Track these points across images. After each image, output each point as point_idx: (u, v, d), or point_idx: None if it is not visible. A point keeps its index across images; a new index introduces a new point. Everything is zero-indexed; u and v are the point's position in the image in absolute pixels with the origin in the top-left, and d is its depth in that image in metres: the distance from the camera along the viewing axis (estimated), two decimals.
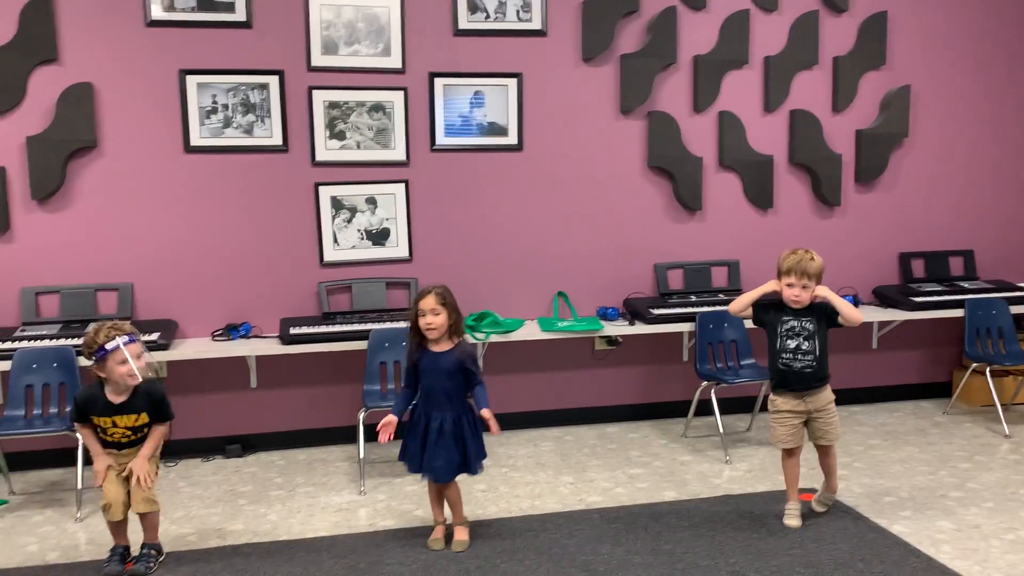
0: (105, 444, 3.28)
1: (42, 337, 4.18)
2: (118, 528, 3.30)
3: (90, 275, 4.44)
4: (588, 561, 3.24)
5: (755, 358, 4.78)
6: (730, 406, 4.97)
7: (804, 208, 5.25)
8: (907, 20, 5.23)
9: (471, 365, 3.38)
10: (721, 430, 4.49)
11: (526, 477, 4.24)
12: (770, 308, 3.60)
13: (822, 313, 3.53)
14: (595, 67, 4.90)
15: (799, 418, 3.55)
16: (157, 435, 3.32)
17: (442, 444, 3.33)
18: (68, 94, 4.31)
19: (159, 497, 3.35)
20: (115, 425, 3.24)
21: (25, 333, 4.23)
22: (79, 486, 3.88)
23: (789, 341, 3.54)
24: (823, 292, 3.50)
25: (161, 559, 3.33)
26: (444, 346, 3.37)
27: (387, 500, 3.96)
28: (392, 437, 3.31)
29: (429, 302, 3.31)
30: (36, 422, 4.02)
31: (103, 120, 4.39)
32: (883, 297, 5.20)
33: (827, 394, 3.58)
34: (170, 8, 4.42)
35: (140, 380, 3.21)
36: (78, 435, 3.46)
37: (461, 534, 3.43)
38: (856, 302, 5.14)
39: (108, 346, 3.16)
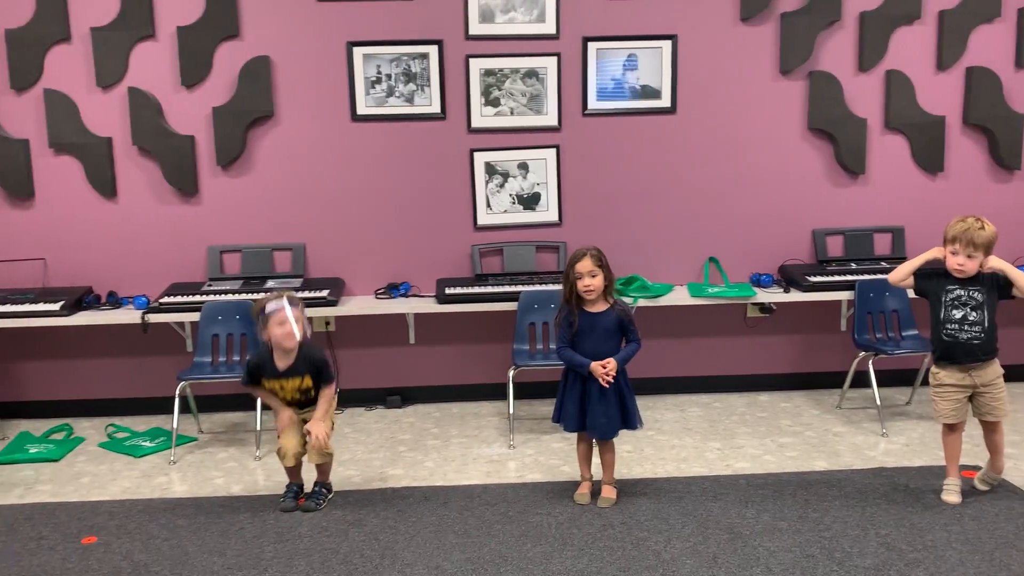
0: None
1: (226, 292, 4.59)
2: (292, 470, 3.61)
3: (267, 235, 4.81)
4: (733, 524, 3.26)
5: (918, 329, 4.57)
6: (889, 378, 4.77)
7: (979, 172, 4.93)
8: None
9: (629, 324, 3.45)
10: (878, 402, 4.34)
11: (672, 441, 4.27)
12: (933, 276, 3.45)
13: (993, 283, 3.34)
14: (753, 26, 4.77)
15: (963, 392, 3.40)
16: (326, 398, 3.57)
17: (604, 402, 3.42)
18: (248, 67, 4.65)
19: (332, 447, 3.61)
20: (283, 388, 3.53)
21: (211, 288, 4.65)
22: (258, 428, 4.27)
23: (955, 311, 3.37)
24: (997, 264, 3.32)
25: (330, 496, 3.62)
26: (600, 306, 3.43)
27: (535, 455, 4.11)
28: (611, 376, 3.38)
29: (587, 264, 3.36)
30: (221, 368, 4.43)
31: (279, 91, 4.72)
32: None
33: (995, 368, 3.40)
34: None
35: (296, 340, 3.43)
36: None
37: (609, 492, 3.53)
38: None
39: (267, 308, 3.41)
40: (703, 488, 3.62)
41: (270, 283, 4.66)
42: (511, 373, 4.40)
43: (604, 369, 3.36)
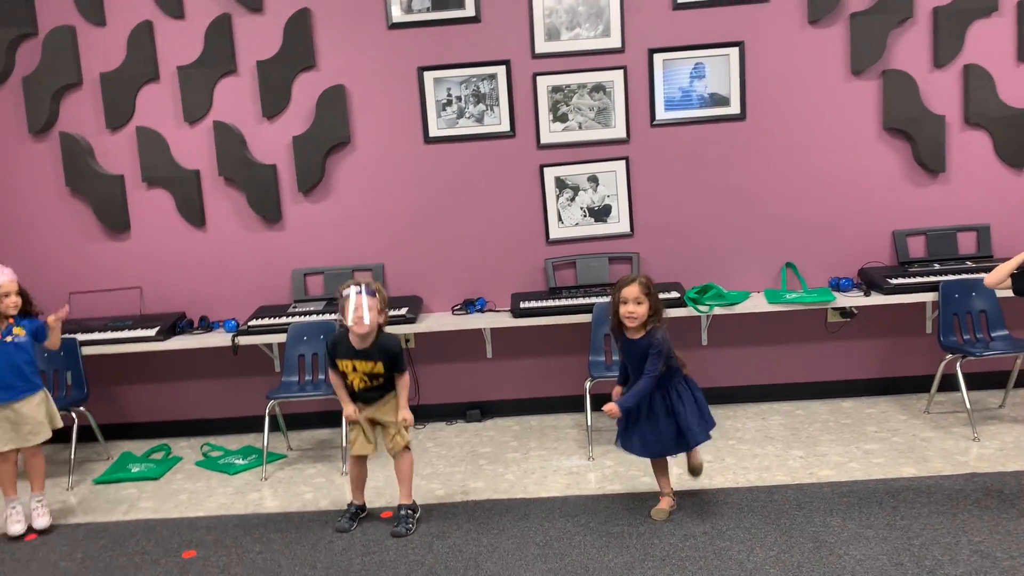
0: (351, 391, 3.67)
1: (310, 313, 4.76)
2: (358, 482, 3.70)
3: (348, 257, 4.97)
4: (818, 532, 3.22)
5: (1008, 329, 4.42)
6: (979, 381, 4.63)
7: None
8: None
9: (653, 353, 3.35)
10: (968, 406, 4.21)
11: (754, 450, 4.23)
12: None
13: None
14: (822, 28, 4.72)
15: None
16: (403, 384, 3.67)
17: (651, 422, 3.42)
18: (325, 96, 4.83)
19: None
20: (354, 370, 3.61)
21: (296, 309, 4.83)
22: (344, 444, 4.40)
23: None
24: None
25: (417, 516, 3.67)
26: (639, 333, 3.41)
27: (614, 466, 4.13)
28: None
29: (633, 291, 3.35)
30: (307, 387, 4.59)
31: (354, 118, 4.89)
32: None
33: None
34: (408, 10, 4.81)
35: (366, 326, 3.51)
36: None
37: (665, 504, 3.54)
38: None
39: (344, 292, 3.55)
40: (786, 497, 3.58)
41: None
42: (588, 385, 4.43)
43: (609, 410, 3.37)
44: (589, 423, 4.39)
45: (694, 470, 3.63)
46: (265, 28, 4.81)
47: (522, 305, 4.69)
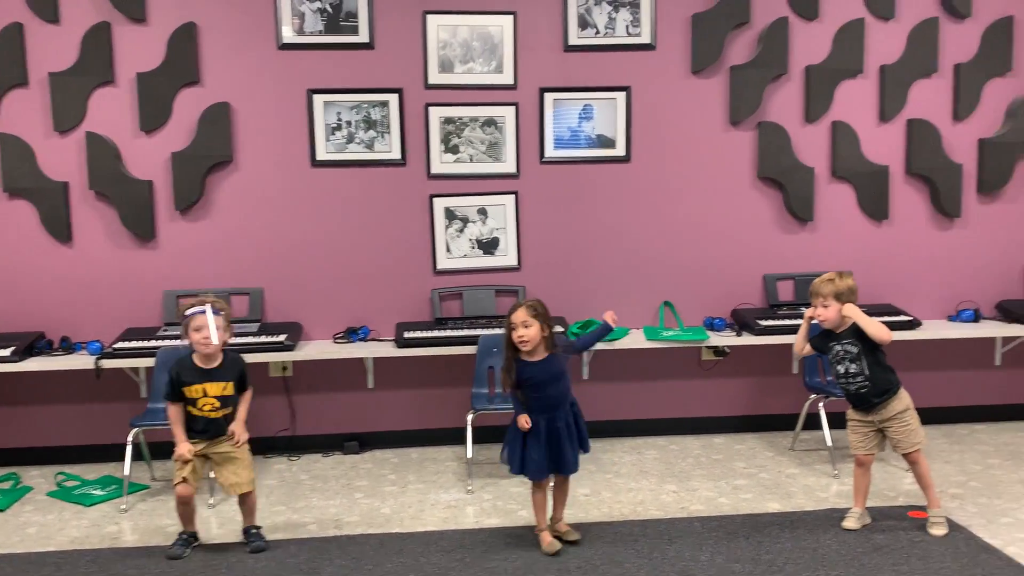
0: (193, 422, 3.53)
1: (182, 337, 4.54)
2: (188, 515, 3.58)
3: (225, 280, 4.80)
4: (687, 567, 3.29)
5: None
6: (840, 420, 4.85)
7: (921, 219, 5.11)
8: None
9: (576, 345, 3.62)
10: (830, 444, 4.43)
11: (629, 484, 4.31)
12: (822, 336, 3.70)
13: (858, 333, 3.54)
14: (704, 79, 4.94)
15: (869, 427, 3.63)
16: (245, 401, 3.60)
17: (570, 439, 3.48)
18: (208, 113, 4.68)
19: (277, 491, 3.59)
20: (205, 395, 3.49)
21: (167, 333, 4.61)
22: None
23: (839, 366, 3.63)
24: (849, 311, 3.54)
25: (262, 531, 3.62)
26: (540, 355, 3.44)
27: (493, 499, 4.11)
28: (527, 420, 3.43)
29: (520, 315, 3.40)
30: None
31: (238, 137, 4.75)
32: (1007, 312, 4.99)
33: (895, 404, 3.57)
34: (300, 32, 4.74)
35: (213, 346, 3.44)
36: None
37: (566, 526, 3.58)
38: (977, 317, 4.98)
39: (187, 313, 3.46)
40: (658, 531, 3.65)
41: None
42: (470, 417, 4.41)
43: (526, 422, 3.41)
44: (470, 456, 4.37)
45: (563, 536, 3.57)
46: (147, 39, 4.64)
47: (406, 335, 4.64)
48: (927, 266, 5.12)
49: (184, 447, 3.51)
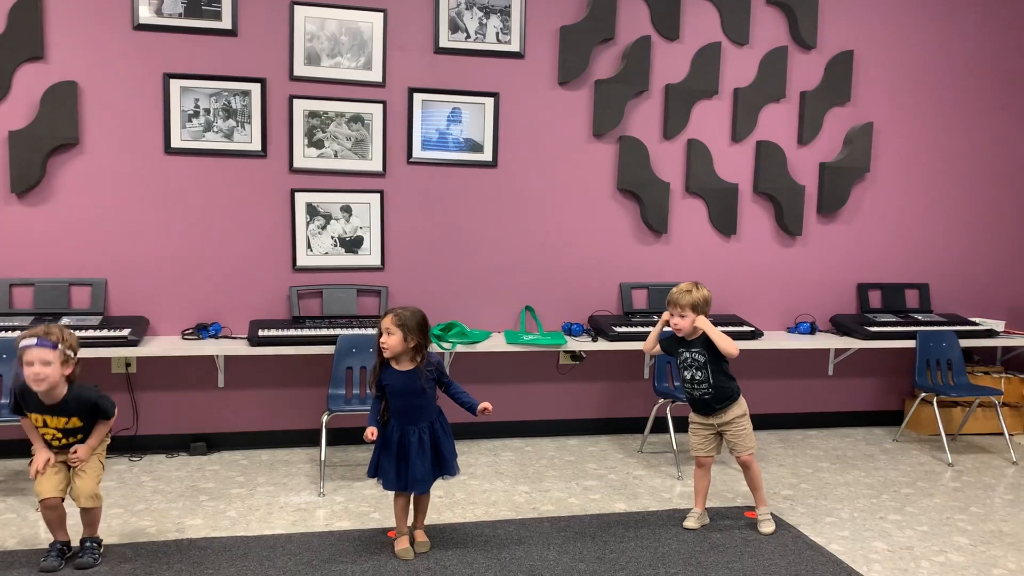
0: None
1: (14, 328, 4.25)
2: (56, 523, 3.31)
3: (65, 269, 4.52)
4: (535, 566, 3.35)
5: None
6: (685, 424, 5.08)
7: (766, 236, 5.42)
8: (873, 59, 5.43)
9: (438, 376, 3.43)
10: (675, 447, 4.62)
11: (484, 485, 4.35)
12: (671, 341, 3.87)
13: (708, 344, 3.73)
14: (570, 91, 5.06)
15: (708, 430, 3.82)
16: (100, 431, 3.32)
17: (421, 456, 3.40)
18: (52, 91, 4.40)
19: (115, 493, 3.40)
20: (46, 425, 3.24)
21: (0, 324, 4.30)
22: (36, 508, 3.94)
23: (685, 372, 3.81)
24: (702, 323, 3.73)
25: (101, 551, 3.36)
26: (406, 365, 3.40)
27: (345, 502, 4.05)
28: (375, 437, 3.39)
29: (386, 321, 3.35)
30: (3, 411, 4.06)
31: (86, 118, 4.49)
32: (840, 325, 5.37)
33: (734, 410, 3.78)
34: (159, 13, 4.52)
35: (45, 385, 3.11)
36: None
37: (423, 536, 3.54)
38: (813, 329, 5.31)
39: (21, 344, 3.11)
40: (509, 532, 3.70)
41: (65, 320, 4.37)
42: (325, 418, 4.33)
43: (371, 436, 3.38)
44: (323, 458, 4.29)
45: (421, 547, 3.54)
46: None
47: (261, 333, 4.51)
48: (770, 280, 5.44)
49: (40, 457, 3.23)
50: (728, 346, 3.65)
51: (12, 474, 4.34)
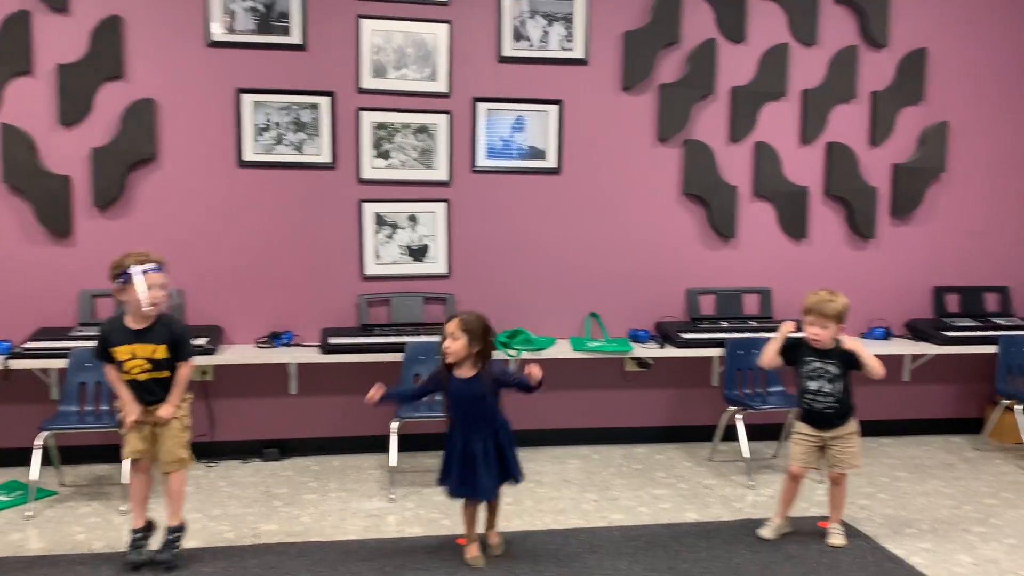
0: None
1: (97, 338, 4.39)
2: (140, 494, 3.40)
3: None
4: None
5: (783, 386, 4.84)
6: (757, 432, 5.01)
7: (838, 239, 5.30)
8: (947, 57, 5.27)
9: (503, 378, 3.43)
10: (747, 455, 4.55)
11: (551, 493, 4.34)
12: (795, 348, 3.71)
13: (846, 359, 3.62)
14: (634, 95, 5.03)
15: (814, 443, 3.68)
16: (181, 378, 3.39)
17: (487, 465, 3.40)
18: (132, 109, 4.56)
19: (192, 498, 3.49)
20: (134, 357, 3.30)
21: (81, 333, 4.46)
22: (124, 480, 4.07)
23: (811, 382, 3.65)
24: (853, 345, 3.60)
25: (182, 536, 3.43)
26: (467, 372, 3.39)
27: (415, 508, 4.09)
28: (376, 400, 3.47)
29: (451, 326, 3.35)
30: (88, 418, 4.23)
31: (163, 134, 4.64)
32: (916, 330, 5.22)
33: (849, 425, 3.67)
34: (230, 30, 4.65)
35: (149, 309, 3.25)
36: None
37: (497, 538, 3.57)
38: (888, 334, 5.18)
39: (132, 270, 3.24)
40: (579, 540, 3.69)
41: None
42: (394, 425, 4.39)
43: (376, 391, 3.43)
44: (393, 464, 4.34)
45: (495, 548, 3.58)
46: (69, 30, 4.49)
47: (331, 341, 4.59)
48: (842, 284, 5.23)
49: (136, 410, 3.31)
50: (877, 367, 3.55)
51: (96, 479, 4.49)
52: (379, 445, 4.83)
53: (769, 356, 3.75)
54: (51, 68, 4.49)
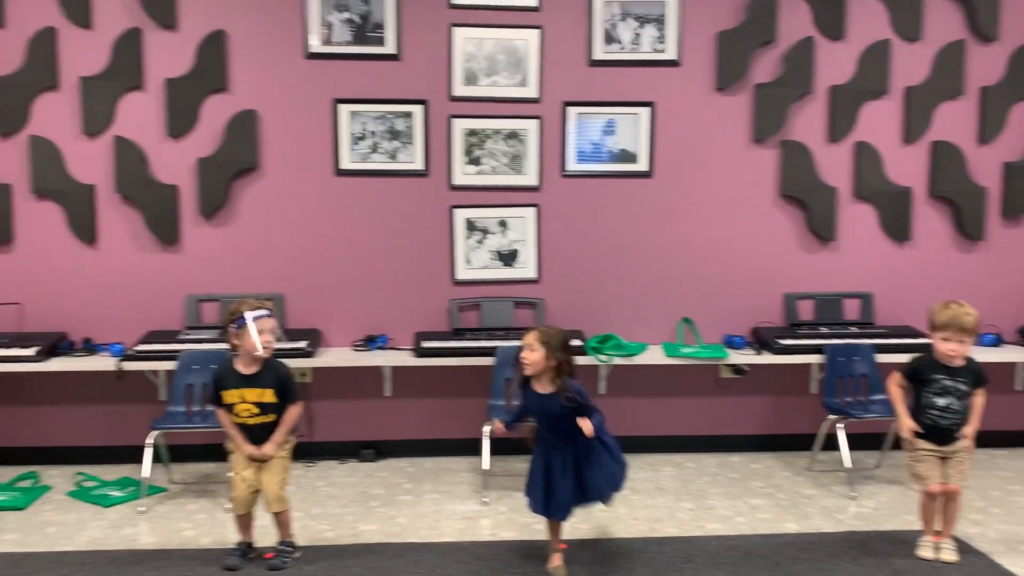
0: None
1: (203, 340, 4.58)
2: (243, 525, 3.56)
3: (247, 285, 4.82)
4: None
5: (886, 394, 4.66)
6: (858, 442, 4.83)
7: (944, 241, 5.09)
8: None
9: (582, 401, 3.32)
10: (848, 465, 4.40)
11: (646, 501, 4.29)
12: (922, 368, 3.58)
13: (975, 374, 3.50)
14: (728, 96, 4.94)
15: (937, 456, 3.54)
16: (288, 419, 3.52)
17: (564, 481, 3.36)
18: (235, 120, 4.72)
19: (292, 497, 3.58)
20: (243, 400, 3.45)
21: (188, 336, 4.64)
22: (228, 476, 4.22)
23: (939, 399, 3.51)
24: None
25: (296, 555, 3.56)
26: (546, 387, 3.34)
27: (508, 512, 4.11)
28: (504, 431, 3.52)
29: (529, 337, 3.32)
30: (195, 418, 4.40)
31: (264, 144, 4.79)
32: None
33: (963, 440, 3.53)
34: (327, 42, 4.77)
35: (261, 353, 3.39)
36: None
37: (558, 560, 3.45)
38: (999, 341, 4.94)
39: (246, 316, 3.39)
40: (676, 549, 3.64)
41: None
42: (486, 428, 4.41)
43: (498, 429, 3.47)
44: (486, 467, 4.37)
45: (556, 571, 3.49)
46: (177, 46, 4.68)
47: (424, 344, 4.65)
48: (948, 288, 5.07)
49: (249, 446, 3.47)
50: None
51: (203, 477, 4.67)
52: (470, 448, 4.87)
53: (898, 390, 3.67)
54: (160, 82, 4.70)
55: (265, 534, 3.62)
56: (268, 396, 3.48)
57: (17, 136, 4.67)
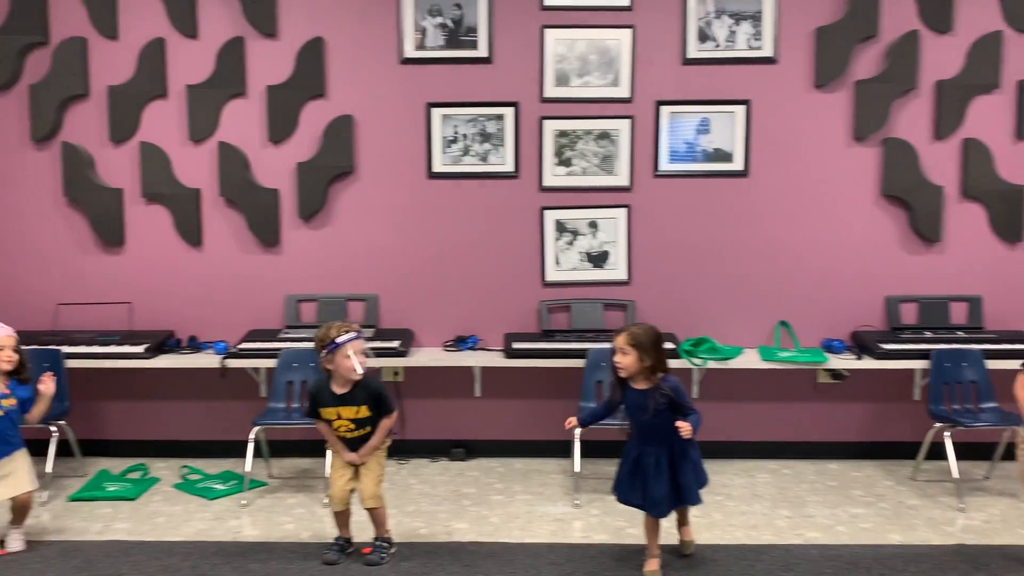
0: None
1: (302, 340, 4.71)
2: (341, 521, 3.64)
3: (343, 286, 4.94)
4: None
5: (997, 401, 4.45)
6: (966, 451, 4.63)
7: None
8: None
9: (678, 399, 3.31)
10: (956, 475, 4.22)
11: (741, 507, 4.21)
12: None
13: None
14: (827, 93, 4.80)
15: None
16: (383, 428, 3.62)
17: (658, 478, 3.35)
18: (333, 125, 4.84)
19: (387, 494, 3.65)
20: (339, 417, 3.56)
21: (288, 335, 4.78)
22: (327, 474, 4.32)
23: None
24: None
25: (392, 551, 3.63)
26: (642, 384, 3.35)
27: (600, 515, 4.09)
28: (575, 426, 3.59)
29: (619, 340, 3.32)
30: (294, 415, 4.53)
31: (360, 148, 4.89)
32: None
33: None
34: (421, 47, 4.85)
35: (360, 375, 3.49)
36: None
37: (689, 535, 3.57)
38: None
39: (338, 340, 3.48)
40: (774, 557, 3.56)
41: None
42: (577, 431, 4.39)
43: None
44: (577, 469, 4.35)
45: (686, 546, 3.57)
46: (277, 54, 4.83)
47: (515, 345, 4.67)
48: None
49: (350, 454, 3.59)
50: None
51: (301, 472, 4.80)
52: (559, 450, 4.86)
53: None
54: (261, 90, 4.85)
55: (362, 529, 3.70)
56: (363, 412, 3.57)
57: (129, 143, 4.89)
